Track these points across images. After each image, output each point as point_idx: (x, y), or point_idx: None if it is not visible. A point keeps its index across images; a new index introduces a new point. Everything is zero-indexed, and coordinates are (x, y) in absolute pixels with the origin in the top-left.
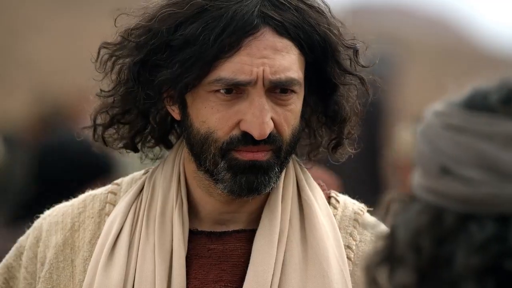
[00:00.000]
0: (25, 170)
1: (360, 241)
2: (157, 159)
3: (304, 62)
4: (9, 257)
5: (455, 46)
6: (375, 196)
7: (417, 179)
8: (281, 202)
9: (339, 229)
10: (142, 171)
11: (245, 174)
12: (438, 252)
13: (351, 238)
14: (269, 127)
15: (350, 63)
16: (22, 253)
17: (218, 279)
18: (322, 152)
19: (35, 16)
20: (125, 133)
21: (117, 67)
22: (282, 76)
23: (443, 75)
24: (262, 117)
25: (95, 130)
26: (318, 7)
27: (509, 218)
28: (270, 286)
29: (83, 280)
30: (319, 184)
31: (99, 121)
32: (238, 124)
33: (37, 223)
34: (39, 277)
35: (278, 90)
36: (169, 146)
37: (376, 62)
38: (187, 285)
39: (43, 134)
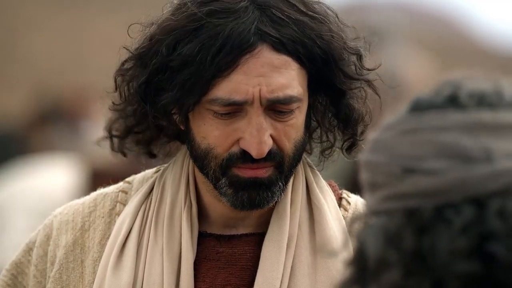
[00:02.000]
0: None
1: None
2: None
3: (306, 74)
4: (18, 253)
5: (456, 43)
6: None
7: (374, 197)
8: (290, 206)
9: (350, 231)
10: (154, 169)
11: (247, 190)
12: (420, 246)
13: None
14: (268, 146)
15: (356, 68)
16: (31, 249)
17: (225, 283)
18: (335, 151)
19: (35, 14)
20: (141, 143)
21: (126, 87)
22: (280, 94)
23: (443, 72)
24: (259, 137)
25: (112, 142)
26: (320, 17)
27: (483, 200)
28: None
29: (93, 281)
30: (330, 185)
31: (114, 133)
32: (237, 141)
33: (48, 220)
34: (48, 277)
35: (277, 107)
36: (183, 141)
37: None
38: None
39: (42, 131)
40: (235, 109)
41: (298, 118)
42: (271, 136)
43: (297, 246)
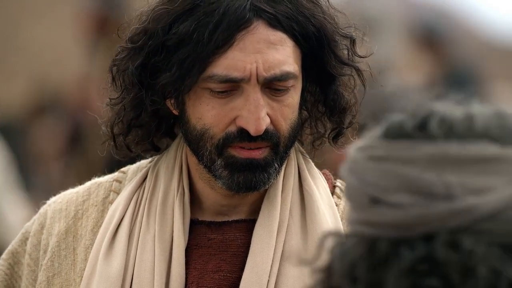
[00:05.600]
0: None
1: None
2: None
3: (300, 53)
4: (14, 243)
5: (453, 34)
6: None
7: (350, 214)
8: (282, 192)
9: (342, 218)
10: (149, 160)
11: (243, 172)
12: (372, 279)
13: None
14: (265, 123)
15: (348, 53)
16: (27, 239)
17: (217, 269)
18: (326, 141)
19: (35, 3)
20: (144, 137)
21: (121, 74)
22: (277, 71)
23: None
24: (257, 113)
25: (115, 141)
26: None
27: (434, 235)
28: (269, 276)
29: (84, 268)
30: (324, 174)
31: (116, 131)
32: (234, 120)
33: (42, 209)
34: (41, 265)
35: (273, 85)
36: (173, 138)
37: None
38: (186, 275)
39: (42, 122)
40: (231, 87)
41: (294, 98)
42: (268, 115)
43: (288, 231)
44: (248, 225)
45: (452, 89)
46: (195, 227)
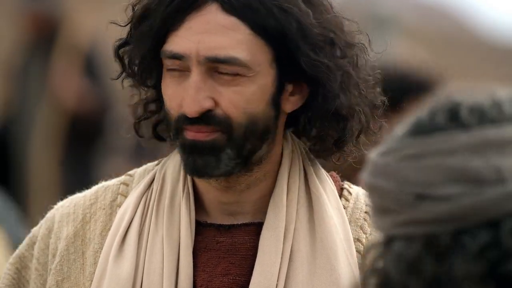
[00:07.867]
0: None
1: (370, 234)
2: None
3: (265, 46)
4: (21, 247)
5: (455, 33)
6: None
7: (386, 221)
8: (287, 194)
9: (350, 221)
10: (155, 162)
11: (192, 154)
12: (438, 272)
13: (361, 231)
14: (199, 105)
15: (325, 52)
16: (34, 243)
17: (226, 272)
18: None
19: None
20: (152, 122)
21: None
22: (221, 53)
23: (443, 63)
24: (192, 94)
25: (136, 123)
26: None
27: (499, 222)
28: (277, 279)
29: (94, 272)
30: (332, 176)
31: (136, 115)
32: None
33: (50, 213)
34: (50, 269)
35: (219, 69)
36: None
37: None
38: (195, 278)
39: None
40: (181, 66)
41: (250, 88)
42: (216, 100)
43: (295, 234)
44: (257, 229)
45: None
46: (203, 229)
